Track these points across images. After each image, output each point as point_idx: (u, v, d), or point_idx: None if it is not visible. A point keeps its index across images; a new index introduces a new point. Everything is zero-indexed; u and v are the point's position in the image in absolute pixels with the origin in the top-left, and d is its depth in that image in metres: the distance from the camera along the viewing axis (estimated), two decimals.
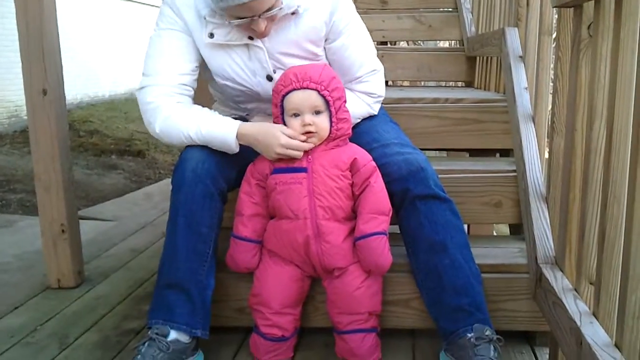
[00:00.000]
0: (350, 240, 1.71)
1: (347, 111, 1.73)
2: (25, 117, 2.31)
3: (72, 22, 8.52)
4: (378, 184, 1.70)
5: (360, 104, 1.89)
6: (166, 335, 1.66)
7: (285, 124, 1.70)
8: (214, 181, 1.72)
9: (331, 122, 1.69)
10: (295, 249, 1.72)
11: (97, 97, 9.69)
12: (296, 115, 1.68)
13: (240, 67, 1.80)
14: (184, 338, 1.69)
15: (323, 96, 1.66)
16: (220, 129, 1.71)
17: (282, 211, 1.72)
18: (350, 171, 1.70)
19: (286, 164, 1.71)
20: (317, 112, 1.68)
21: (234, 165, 1.78)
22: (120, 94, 10.49)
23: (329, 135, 1.70)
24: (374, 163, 1.72)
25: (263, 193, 1.76)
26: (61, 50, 2.40)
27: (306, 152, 1.70)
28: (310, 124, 1.66)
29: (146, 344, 1.64)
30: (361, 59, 1.87)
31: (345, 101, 1.72)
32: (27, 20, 2.26)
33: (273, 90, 1.71)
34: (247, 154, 1.78)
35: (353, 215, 1.73)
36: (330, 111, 1.68)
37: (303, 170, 1.69)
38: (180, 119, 1.73)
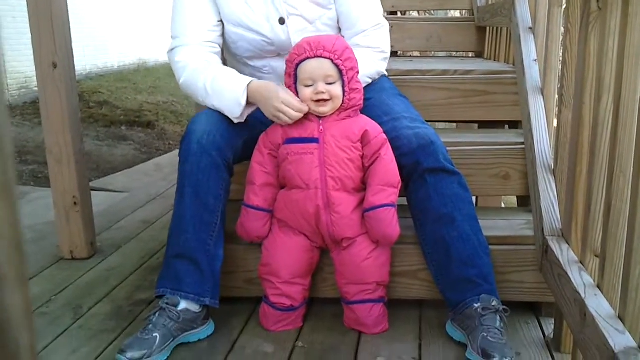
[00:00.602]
0: (359, 212, 1.73)
1: (360, 82, 1.73)
2: (36, 89, 2.33)
3: None
4: (388, 156, 1.71)
5: (368, 62, 1.90)
6: (176, 305, 1.70)
7: (297, 94, 1.71)
8: (219, 152, 1.74)
9: (344, 91, 1.70)
10: (306, 219, 1.74)
11: (106, 67, 9.67)
12: (309, 85, 1.69)
13: (253, 11, 1.84)
14: (194, 307, 1.73)
15: (336, 65, 1.67)
16: (233, 82, 1.76)
17: (294, 181, 1.73)
18: (361, 143, 1.72)
19: (299, 134, 1.72)
20: (330, 83, 1.68)
21: (239, 136, 1.80)
22: (129, 64, 10.47)
23: (341, 105, 1.71)
24: (384, 135, 1.73)
25: (275, 162, 1.78)
26: (70, 21, 2.40)
27: (318, 123, 1.71)
28: (323, 92, 1.67)
29: (157, 313, 1.68)
30: (367, 12, 1.91)
31: (358, 72, 1.72)
32: None
33: (287, 60, 1.72)
34: (253, 125, 1.80)
35: (362, 186, 1.75)
36: (343, 80, 1.69)
37: (315, 140, 1.71)
38: (202, 71, 1.80)
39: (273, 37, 1.86)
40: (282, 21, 1.84)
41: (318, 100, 1.69)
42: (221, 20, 1.89)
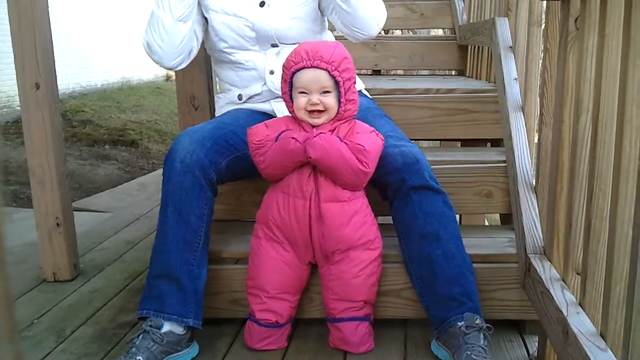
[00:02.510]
0: (352, 222, 1.72)
1: (356, 92, 1.71)
2: (18, 108, 2.33)
3: (64, 10, 8.47)
4: (361, 135, 1.69)
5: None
6: (160, 327, 1.69)
7: (292, 101, 1.70)
8: (203, 171, 1.73)
9: (339, 102, 1.68)
10: (300, 227, 1.72)
11: (90, 86, 9.64)
12: (304, 93, 1.68)
13: None
14: (178, 329, 1.71)
15: (333, 77, 1.65)
16: None
17: (290, 188, 1.72)
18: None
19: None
20: (326, 92, 1.67)
21: (223, 156, 1.80)
22: (112, 83, 10.44)
23: (335, 115, 1.69)
24: (375, 134, 1.71)
25: None
26: (53, 40, 2.40)
27: (312, 133, 1.68)
28: (317, 103, 1.66)
29: (140, 336, 1.67)
30: None
31: (355, 82, 1.70)
32: (19, 13, 2.26)
33: (283, 65, 1.71)
34: (237, 145, 1.81)
35: (357, 194, 1.73)
36: (339, 91, 1.67)
37: None
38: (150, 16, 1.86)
39: (253, 20, 1.89)
40: (262, 4, 1.89)
41: (312, 111, 1.68)
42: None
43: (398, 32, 5.47)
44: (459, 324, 1.66)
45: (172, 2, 1.82)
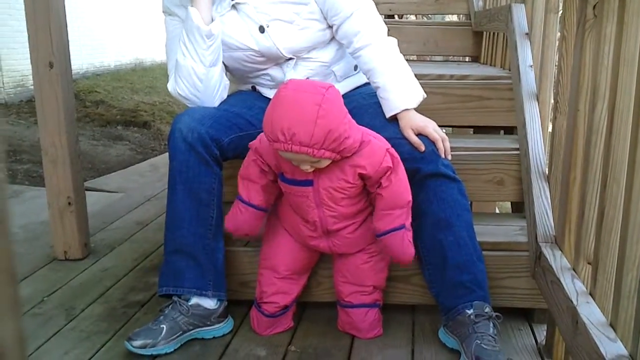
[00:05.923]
0: (362, 228, 1.72)
1: (349, 137, 1.54)
2: (32, 87, 2.33)
3: None
4: (394, 181, 1.62)
5: (384, 49, 1.82)
6: (188, 300, 1.74)
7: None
8: (205, 148, 1.74)
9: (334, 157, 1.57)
10: (305, 242, 1.76)
11: (103, 66, 9.65)
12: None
13: (234, 30, 1.83)
14: (207, 303, 1.76)
15: (319, 156, 1.52)
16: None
17: (294, 209, 1.73)
18: (360, 179, 1.63)
19: (292, 174, 1.64)
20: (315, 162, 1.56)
21: (225, 134, 1.79)
22: (125, 64, 10.44)
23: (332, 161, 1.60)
24: (387, 162, 1.60)
25: (273, 174, 1.72)
26: (67, 20, 2.39)
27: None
28: (309, 169, 1.58)
29: (170, 306, 1.74)
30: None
31: (346, 137, 1.52)
32: None
33: (265, 132, 1.56)
34: (240, 125, 1.82)
35: (366, 205, 1.71)
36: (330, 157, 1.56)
37: (309, 183, 1.63)
38: (177, 66, 1.81)
39: (260, 48, 1.84)
40: (262, 29, 1.82)
41: None
42: None
43: (412, 17, 5.44)
44: (468, 312, 1.66)
45: (199, 50, 1.76)
